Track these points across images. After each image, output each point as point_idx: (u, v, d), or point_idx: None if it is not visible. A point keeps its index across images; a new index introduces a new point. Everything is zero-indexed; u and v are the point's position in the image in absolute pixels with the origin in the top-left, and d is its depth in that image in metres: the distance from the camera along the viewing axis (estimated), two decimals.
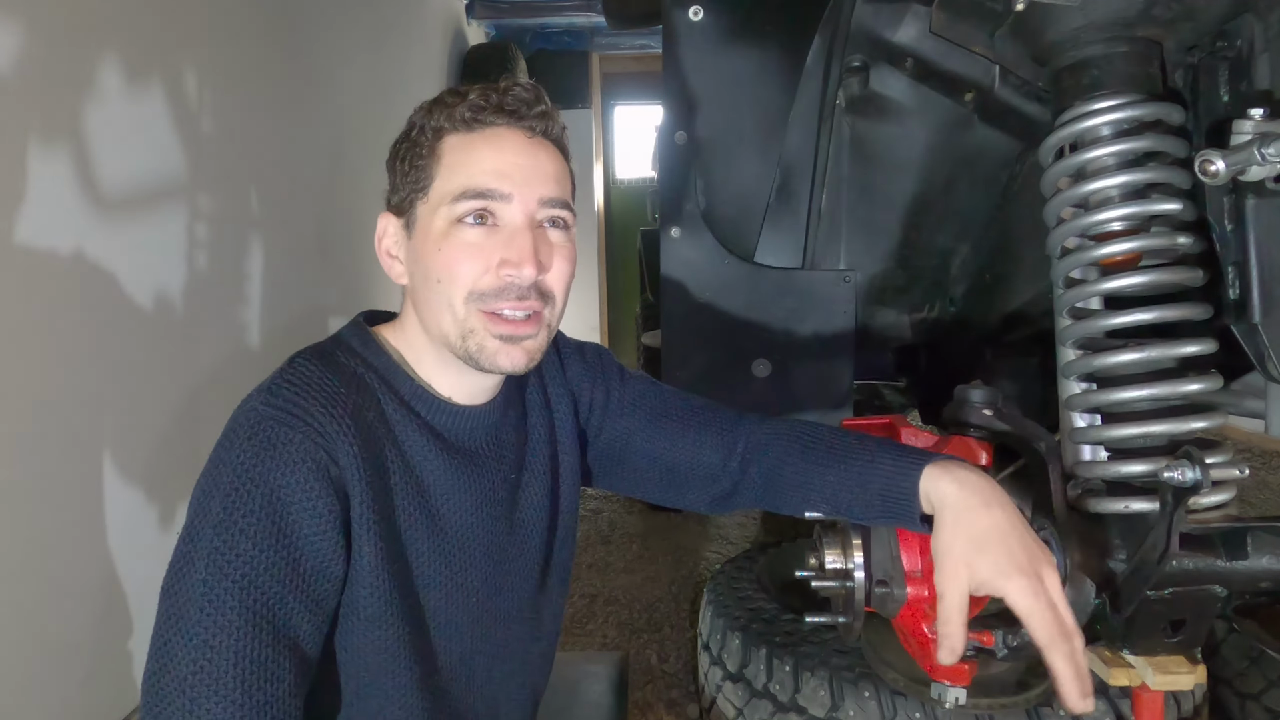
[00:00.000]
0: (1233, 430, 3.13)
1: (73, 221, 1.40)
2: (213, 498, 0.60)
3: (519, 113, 0.71)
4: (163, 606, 0.60)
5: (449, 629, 0.73)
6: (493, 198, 0.68)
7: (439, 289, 0.69)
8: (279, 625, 0.59)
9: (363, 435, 0.65)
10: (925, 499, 0.74)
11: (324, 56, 2.62)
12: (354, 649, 0.68)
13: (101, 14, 1.50)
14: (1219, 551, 0.89)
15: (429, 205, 0.70)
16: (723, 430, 0.86)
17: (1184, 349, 0.90)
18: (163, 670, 0.57)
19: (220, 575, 0.58)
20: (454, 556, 0.72)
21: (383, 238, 0.75)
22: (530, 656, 0.85)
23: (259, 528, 0.59)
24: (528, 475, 0.80)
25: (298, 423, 0.63)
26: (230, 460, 0.61)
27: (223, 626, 0.57)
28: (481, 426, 0.76)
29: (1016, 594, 0.66)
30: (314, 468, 0.62)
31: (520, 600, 0.80)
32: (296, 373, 0.67)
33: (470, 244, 0.68)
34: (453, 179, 0.69)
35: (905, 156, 1.42)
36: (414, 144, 0.71)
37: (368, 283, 2.92)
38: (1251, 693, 1.38)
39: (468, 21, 4.69)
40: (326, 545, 0.62)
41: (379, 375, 0.71)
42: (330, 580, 0.63)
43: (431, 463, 0.71)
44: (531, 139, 0.71)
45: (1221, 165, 0.81)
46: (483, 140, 0.70)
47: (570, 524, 0.87)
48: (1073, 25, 0.94)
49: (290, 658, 0.60)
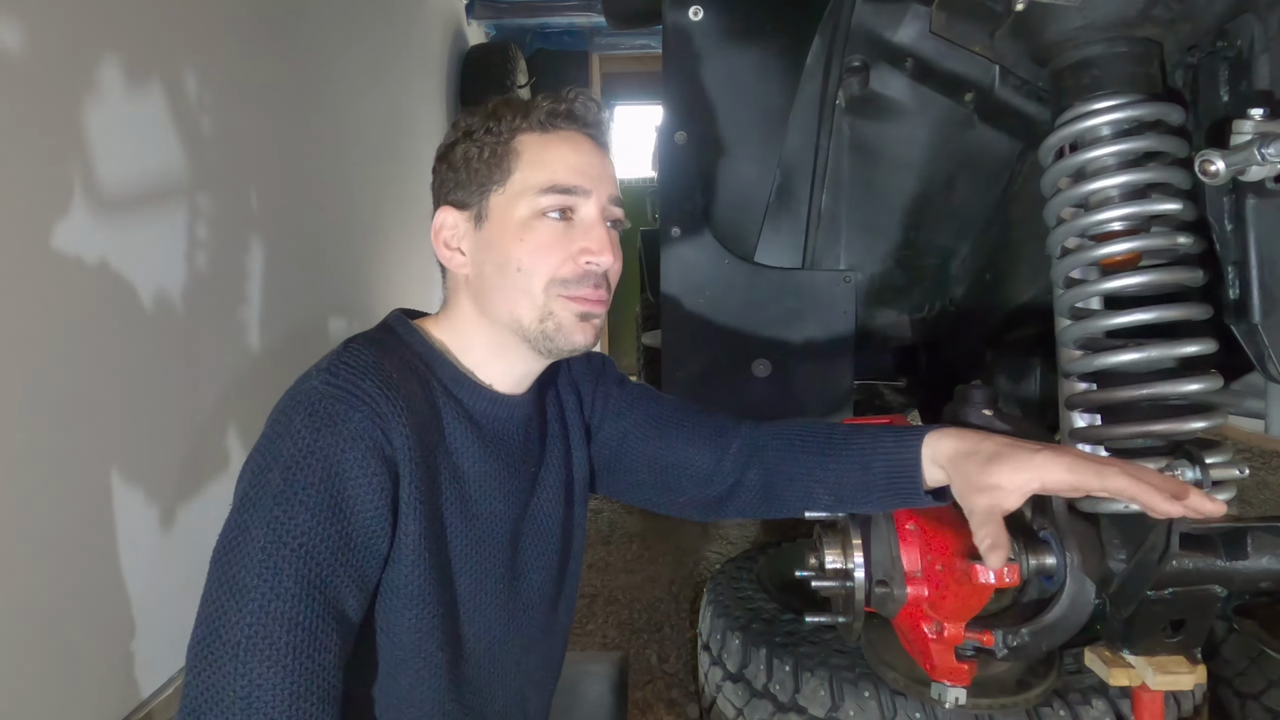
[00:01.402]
0: (1233, 430, 3.13)
1: (74, 222, 1.40)
2: (271, 470, 0.62)
3: (586, 119, 0.76)
4: (215, 573, 0.61)
5: (478, 614, 0.75)
6: (575, 193, 0.73)
7: (518, 276, 0.72)
8: (330, 597, 0.61)
9: (414, 418, 0.68)
10: (931, 464, 0.76)
11: (324, 56, 2.62)
12: (389, 627, 0.70)
13: (101, 14, 1.50)
14: (1219, 551, 0.89)
15: (507, 195, 0.74)
16: (717, 434, 0.88)
17: (1184, 349, 0.90)
18: (214, 635, 0.58)
19: (279, 544, 0.60)
20: (482, 541, 0.75)
21: (440, 230, 0.77)
22: (554, 650, 0.88)
23: (318, 500, 0.61)
24: (545, 466, 0.83)
25: (357, 401, 0.65)
26: (290, 434, 0.63)
27: (279, 594, 0.59)
28: (516, 416, 0.79)
29: (1048, 465, 0.68)
30: (371, 446, 0.64)
31: (541, 591, 0.83)
32: (353, 355, 0.69)
33: (553, 236, 0.73)
34: (536, 174, 0.73)
35: (905, 156, 1.42)
36: (482, 143, 0.75)
37: (369, 282, 2.92)
38: (1251, 693, 1.38)
39: (468, 21, 4.68)
40: (377, 522, 0.65)
41: (424, 362, 0.75)
42: (376, 557, 0.66)
43: (469, 449, 0.74)
44: (596, 144, 0.77)
45: (1221, 165, 0.81)
46: (560, 140, 0.75)
47: (582, 518, 0.89)
48: (1073, 25, 0.94)
49: (338, 629, 0.62)
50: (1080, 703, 1.20)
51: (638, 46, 5.25)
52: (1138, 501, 0.68)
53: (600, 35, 5.13)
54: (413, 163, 3.60)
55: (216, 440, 1.85)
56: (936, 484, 0.77)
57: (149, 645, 1.56)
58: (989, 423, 0.91)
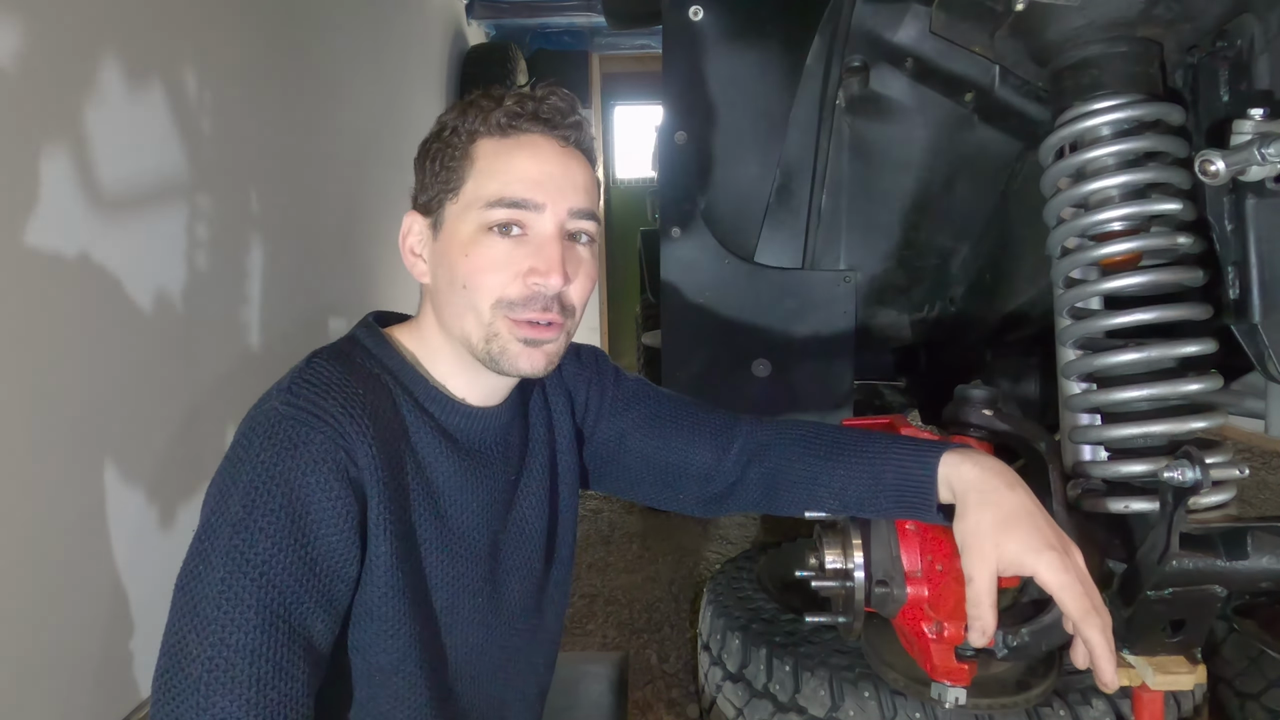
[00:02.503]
0: (1233, 430, 3.13)
1: (75, 223, 1.40)
2: (231, 496, 0.60)
3: (553, 121, 0.71)
4: (177, 603, 0.59)
5: (456, 628, 0.73)
6: (526, 208, 0.68)
7: (464, 294, 0.69)
8: (294, 625, 0.59)
9: (380, 436, 0.66)
10: (945, 486, 0.74)
11: (324, 56, 2.62)
12: (364, 649, 0.68)
13: (101, 15, 1.50)
14: (1219, 551, 0.89)
15: (459, 206, 0.70)
16: (717, 430, 0.86)
17: (1184, 349, 0.90)
18: (176, 667, 0.57)
19: (238, 573, 0.58)
20: (458, 555, 0.73)
21: (407, 235, 0.75)
22: (536, 656, 0.85)
23: (278, 527, 0.59)
24: (527, 476, 0.81)
25: (318, 423, 0.62)
26: (250, 459, 0.61)
27: (239, 624, 0.57)
28: (492, 428, 0.76)
29: (1048, 569, 0.67)
30: (334, 468, 0.62)
31: (523, 599, 0.81)
32: (315, 373, 0.66)
33: (499, 253, 0.68)
34: (487, 184, 0.69)
35: (905, 156, 1.42)
36: (445, 144, 0.71)
37: (368, 282, 2.92)
38: (1251, 693, 1.38)
39: (468, 21, 4.68)
40: (343, 546, 0.62)
41: (393, 376, 0.72)
42: (345, 581, 0.64)
43: (442, 464, 0.71)
44: (564, 148, 0.71)
45: (1221, 165, 0.81)
46: (517, 147, 0.69)
47: (570, 523, 0.87)
48: (1073, 25, 0.94)
49: (304, 657, 0.60)
50: (1080, 703, 1.20)
51: (638, 46, 5.25)
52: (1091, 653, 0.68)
53: (600, 35, 5.13)
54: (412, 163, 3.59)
55: (217, 440, 1.85)
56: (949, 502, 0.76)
57: (149, 645, 1.56)
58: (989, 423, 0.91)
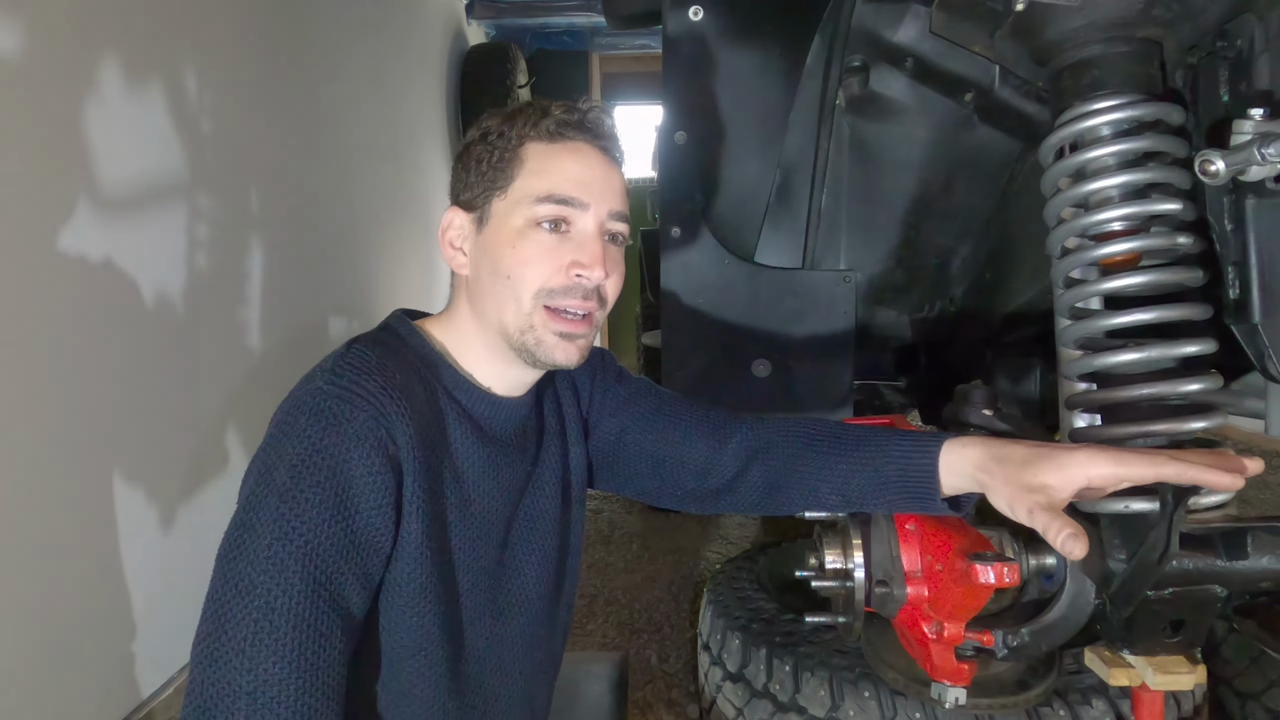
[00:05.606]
0: (1233, 430, 3.13)
1: (76, 223, 1.40)
2: (277, 469, 0.63)
3: (597, 131, 0.77)
4: (220, 572, 0.61)
5: (476, 612, 0.76)
6: (573, 205, 0.73)
7: (507, 284, 0.73)
8: (335, 594, 0.62)
9: (416, 418, 0.69)
10: (954, 471, 0.76)
11: (324, 56, 2.62)
12: (391, 626, 0.70)
13: (101, 14, 1.50)
14: (1219, 551, 0.89)
15: (507, 202, 0.74)
16: (716, 425, 0.88)
17: (1184, 349, 0.90)
18: (219, 631, 0.59)
19: (284, 540, 0.60)
20: (479, 539, 0.76)
21: (448, 229, 0.79)
22: (554, 645, 0.89)
23: (324, 498, 0.62)
24: (541, 464, 0.84)
25: (361, 401, 0.66)
26: (296, 434, 0.64)
27: (285, 589, 0.59)
28: (514, 418, 0.80)
29: (1088, 458, 0.69)
30: (375, 445, 0.65)
31: (539, 585, 0.83)
32: (356, 356, 0.70)
33: (546, 247, 0.73)
34: (537, 183, 0.73)
35: (905, 156, 1.42)
36: (492, 146, 0.75)
37: (369, 281, 2.92)
38: (1251, 693, 1.39)
39: (468, 21, 4.69)
40: (380, 521, 0.65)
41: (425, 363, 0.75)
42: (379, 555, 0.66)
43: (469, 449, 0.75)
44: (605, 157, 0.77)
45: (1221, 165, 0.81)
46: (565, 151, 0.75)
47: (580, 513, 0.90)
48: (1073, 25, 0.94)
49: (342, 626, 0.63)
50: (1080, 703, 1.20)
51: (638, 46, 5.26)
52: (1199, 483, 0.68)
53: (600, 35, 5.14)
54: (412, 162, 3.60)
55: (218, 440, 1.85)
56: (954, 492, 0.77)
57: (149, 645, 1.56)
58: (989, 423, 0.91)
